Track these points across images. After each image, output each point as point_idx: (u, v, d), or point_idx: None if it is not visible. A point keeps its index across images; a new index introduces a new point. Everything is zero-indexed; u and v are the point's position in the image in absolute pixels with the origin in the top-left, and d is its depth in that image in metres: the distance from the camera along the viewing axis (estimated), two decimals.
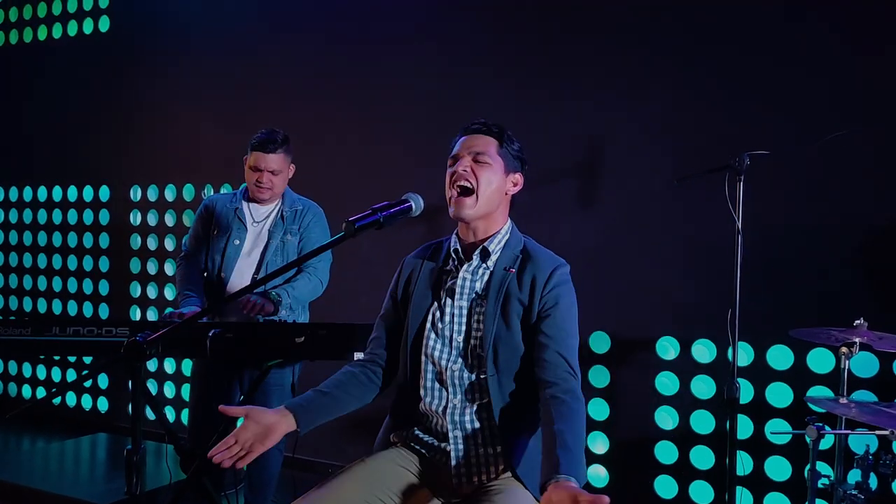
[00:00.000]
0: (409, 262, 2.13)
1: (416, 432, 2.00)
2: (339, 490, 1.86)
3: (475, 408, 1.94)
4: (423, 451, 1.98)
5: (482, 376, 1.91)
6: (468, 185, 1.94)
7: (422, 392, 1.99)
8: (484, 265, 2.00)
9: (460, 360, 1.94)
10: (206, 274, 3.14)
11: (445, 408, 1.94)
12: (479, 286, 1.98)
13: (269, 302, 2.91)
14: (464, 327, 1.96)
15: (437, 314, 1.99)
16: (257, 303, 2.87)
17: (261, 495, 3.18)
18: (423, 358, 1.98)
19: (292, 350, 2.55)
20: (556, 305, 1.92)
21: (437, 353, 1.96)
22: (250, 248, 3.10)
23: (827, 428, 2.19)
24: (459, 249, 2.03)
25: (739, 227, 2.42)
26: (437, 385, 1.97)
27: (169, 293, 4.89)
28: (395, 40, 4.14)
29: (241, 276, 3.08)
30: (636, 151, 3.48)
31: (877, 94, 3.05)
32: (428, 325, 1.99)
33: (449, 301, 1.98)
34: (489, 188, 1.95)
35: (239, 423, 1.78)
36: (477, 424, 1.93)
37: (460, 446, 1.91)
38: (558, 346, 1.89)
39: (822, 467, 2.51)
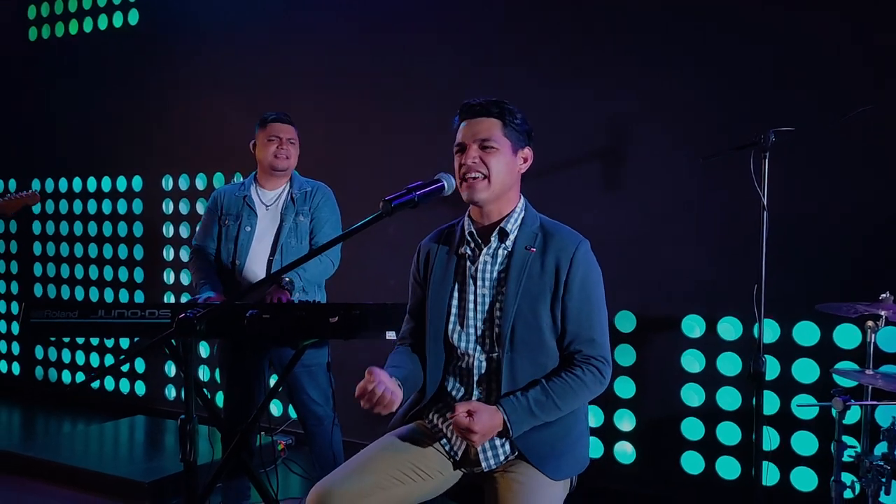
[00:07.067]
0: (425, 246, 2.12)
1: (435, 416, 2.02)
2: (369, 463, 1.90)
3: (491, 391, 1.94)
4: (444, 434, 2.00)
5: (496, 356, 1.92)
6: (479, 175, 1.92)
7: (446, 381, 2.01)
8: (503, 246, 1.97)
9: (479, 346, 1.95)
10: (220, 263, 3.19)
11: (469, 394, 1.96)
12: (499, 269, 1.96)
13: (281, 289, 2.96)
14: (485, 315, 1.95)
15: (460, 302, 1.99)
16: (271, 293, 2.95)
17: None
18: (448, 347, 2.00)
19: (326, 329, 2.63)
20: (583, 285, 1.92)
21: (462, 343, 1.97)
22: (263, 233, 3.15)
23: (853, 400, 2.22)
24: (475, 232, 2.00)
25: (765, 203, 2.45)
26: (460, 373, 1.99)
27: None
28: (411, 22, 4.18)
29: (255, 260, 3.13)
30: (657, 132, 3.49)
31: None
32: (453, 314, 1.99)
33: (472, 288, 1.98)
34: (501, 173, 1.93)
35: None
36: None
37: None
38: (583, 324, 1.91)
39: (849, 441, 2.53)
